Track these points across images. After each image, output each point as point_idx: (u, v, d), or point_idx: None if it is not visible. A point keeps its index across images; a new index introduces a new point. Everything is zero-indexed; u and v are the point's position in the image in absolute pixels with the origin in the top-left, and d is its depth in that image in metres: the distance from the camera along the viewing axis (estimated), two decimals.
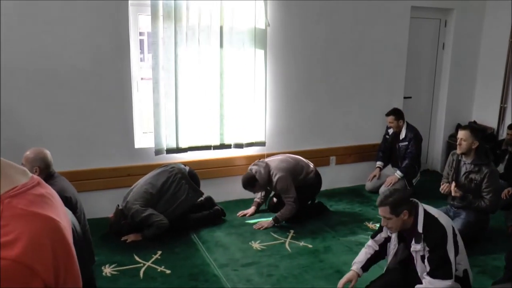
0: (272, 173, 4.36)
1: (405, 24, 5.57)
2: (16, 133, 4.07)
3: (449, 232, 2.74)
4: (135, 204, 3.95)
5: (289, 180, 4.36)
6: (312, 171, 4.59)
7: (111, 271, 3.54)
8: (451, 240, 2.73)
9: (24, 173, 0.97)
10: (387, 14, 5.41)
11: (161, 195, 4.09)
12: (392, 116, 5.28)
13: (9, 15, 3.93)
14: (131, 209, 3.95)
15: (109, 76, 4.34)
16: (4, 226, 0.82)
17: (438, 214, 2.86)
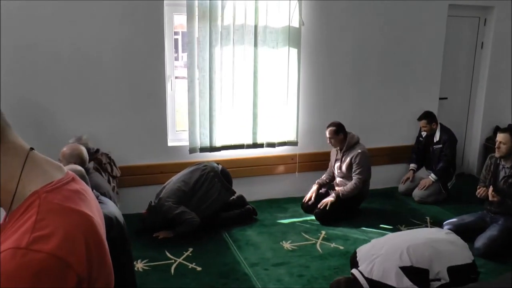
0: (360, 144, 4.57)
1: (442, 23, 5.43)
2: (54, 130, 4.19)
3: None
4: (167, 201, 4.00)
5: (368, 162, 4.52)
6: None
7: (143, 266, 3.60)
8: None
9: (59, 169, 1.00)
10: (423, 13, 5.29)
11: (194, 193, 4.12)
12: (424, 120, 5.16)
13: (46, 16, 4.06)
14: (163, 206, 4.00)
15: (144, 75, 4.41)
16: (40, 220, 0.84)
17: None
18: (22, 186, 0.91)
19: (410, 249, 2.88)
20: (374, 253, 2.97)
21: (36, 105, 4.18)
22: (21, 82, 4.11)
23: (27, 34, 4.06)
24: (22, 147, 0.95)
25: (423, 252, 2.88)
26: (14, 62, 4.06)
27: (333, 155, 4.81)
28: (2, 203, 0.93)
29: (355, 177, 4.52)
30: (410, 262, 2.82)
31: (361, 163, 4.52)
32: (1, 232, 0.90)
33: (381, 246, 3.02)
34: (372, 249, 3.04)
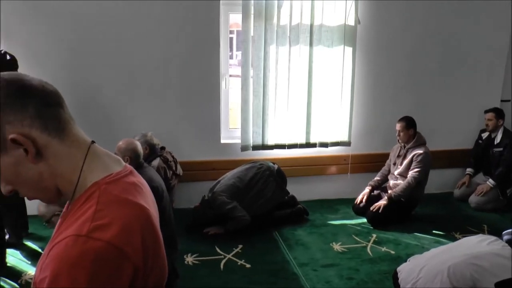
0: (425, 146, 4.49)
1: (507, 20, 5.16)
2: (113, 125, 4.34)
3: None
4: (221, 195, 4.04)
5: (429, 165, 4.42)
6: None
7: (193, 260, 3.67)
8: None
9: (118, 162, 1.04)
10: (486, 9, 5.05)
11: (248, 190, 4.15)
12: (492, 113, 4.94)
13: (110, 16, 4.23)
14: (217, 200, 4.04)
15: (199, 73, 4.49)
16: (100, 210, 0.88)
17: None
18: (84, 177, 0.95)
19: (450, 270, 2.69)
20: (414, 277, 2.84)
21: (101, 104, 4.37)
22: (88, 82, 4.31)
23: (93, 33, 4.25)
24: (84, 140, 0.98)
25: (463, 272, 2.66)
26: (81, 63, 4.27)
27: (394, 150, 4.68)
28: (65, 192, 0.97)
29: (410, 175, 4.40)
30: (451, 285, 2.66)
31: (422, 162, 4.39)
32: (64, 220, 0.95)
33: (420, 267, 2.88)
34: (412, 272, 2.90)
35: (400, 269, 3.05)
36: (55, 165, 0.93)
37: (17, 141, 0.87)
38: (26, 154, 0.89)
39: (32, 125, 0.89)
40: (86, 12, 4.20)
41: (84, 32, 4.24)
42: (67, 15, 4.17)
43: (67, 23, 4.19)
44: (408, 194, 4.40)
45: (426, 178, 4.52)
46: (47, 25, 4.18)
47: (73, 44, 4.24)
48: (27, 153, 0.89)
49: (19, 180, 0.92)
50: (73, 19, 4.19)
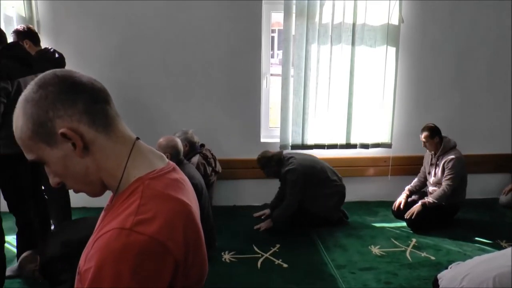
0: (456, 149, 4.36)
1: None
2: (155, 122, 4.43)
3: None
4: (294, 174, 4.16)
5: (462, 169, 4.30)
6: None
7: (230, 258, 3.69)
8: None
9: (161, 158, 1.06)
10: None
11: (318, 185, 4.27)
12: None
13: (152, 16, 4.32)
14: (290, 176, 4.17)
15: (240, 71, 4.52)
16: (143, 205, 0.90)
17: None
18: (127, 173, 0.97)
19: (496, 280, 2.56)
20: (456, 285, 2.73)
21: (144, 101, 4.48)
22: (132, 80, 4.44)
23: (138, 33, 4.36)
24: (130, 136, 1.01)
25: (511, 283, 2.57)
26: (126, 61, 4.40)
27: (426, 159, 4.57)
28: (110, 186, 1.00)
29: (444, 183, 4.27)
30: None
31: (454, 168, 4.25)
32: (108, 213, 0.97)
33: (463, 275, 2.76)
34: (454, 279, 2.79)
35: (440, 276, 2.96)
36: (100, 160, 0.95)
37: (67, 135, 0.90)
38: (74, 148, 0.92)
39: (81, 120, 0.91)
40: (131, 13, 4.31)
41: (129, 32, 4.35)
42: (114, 15, 4.31)
43: (114, 23, 4.32)
44: (444, 201, 4.27)
45: (463, 182, 4.38)
46: (95, 25, 4.32)
47: (119, 43, 4.36)
48: (75, 147, 0.92)
49: (67, 173, 0.96)
50: (120, 19, 4.32)
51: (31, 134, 0.92)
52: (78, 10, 4.28)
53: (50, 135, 0.91)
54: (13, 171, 3.21)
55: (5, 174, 3.22)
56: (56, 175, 0.98)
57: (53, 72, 0.94)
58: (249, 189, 4.80)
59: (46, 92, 0.91)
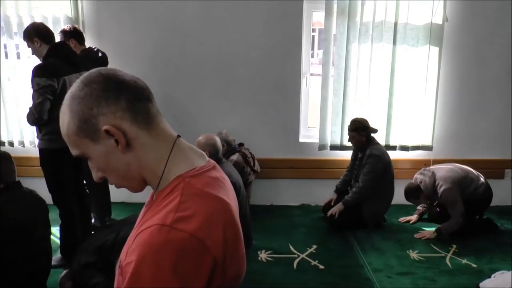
0: (438, 183, 4.07)
1: None
2: (194, 121, 4.47)
3: None
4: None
5: (457, 192, 4.02)
6: (483, 184, 4.17)
7: (267, 257, 3.69)
8: None
9: (202, 157, 1.06)
10: None
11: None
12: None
13: (192, 16, 4.37)
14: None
15: (280, 71, 4.51)
16: (183, 202, 0.91)
17: None
18: (168, 170, 0.98)
19: None
20: None
21: (183, 100, 4.54)
22: (171, 79, 4.50)
23: (178, 33, 4.42)
24: (171, 134, 1.02)
25: None
26: (166, 61, 4.46)
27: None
28: (150, 183, 1.01)
29: None
30: None
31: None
32: (148, 209, 0.99)
33: (508, 285, 2.67)
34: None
35: (483, 285, 2.87)
36: (142, 157, 0.97)
37: (110, 132, 0.92)
38: (117, 144, 0.94)
39: (123, 118, 0.93)
40: (173, 12, 4.38)
41: (170, 31, 4.42)
42: (156, 15, 4.39)
43: (155, 23, 4.41)
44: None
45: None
46: (137, 25, 4.41)
47: (160, 42, 4.44)
48: (118, 143, 0.94)
49: (109, 168, 0.98)
50: (161, 19, 4.40)
51: (76, 130, 0.94)
52: (121, 10, 4.38)
53: (94, 131, 0.93)
54: (57, 165, 3.32)
55: (50, 168, 3.34)
56: (99, 170, 1.00)
57: (98, 71, 0.97)
58: (287, 188, 4.79)
59: (90, 89, 0.93)
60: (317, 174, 4.73)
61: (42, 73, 3.12)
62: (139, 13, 4.38)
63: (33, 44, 3.30)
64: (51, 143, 3.23)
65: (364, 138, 4.22)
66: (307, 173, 4.73)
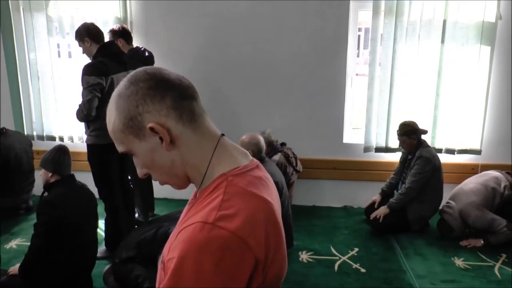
0: (464, 216, 3.90)
1: None
2: (237, 120, 4.49)
3: None
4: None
5: (486, 213, 3.85)
6: (506, 186, 3.97)
7: (308, 258, 3.67)
8: None
9: (246, 156, 1.06)
10: None
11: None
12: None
13: (236, 15, 4.40)
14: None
15: (325, 71, 4.47)
16: (226, 201, 0.91)
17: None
18: (212, 168, 0.99)
19: None
20: None
21: (226, 99, 4.57)
22: (215, 79, 4.54)
23: (223, 33, 4.46)
24: (215, 133, 1.03)
25: None
26: (210, 60, 4.52)
27: None
28: (194, 180, 1.02)
29: None
30: None
31: None
32: (192, 207, 1.00)
33: None
34: None
35: None
36: (186, 154, 0.98)
37: (154, 129, 0.94)
38: (161, 142, 0.95)
39: (168, 116, 0.95)
40: (218, 12, 4.42)
41: (215, 31, 4.47)
42: (202, 15, 4.45)
43: (201, 23, 4.46)
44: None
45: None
46: (183, 25, 4.49)
47: (206, 42, 4.49)
48: (162, 141, 0.95)
49: (153, 165, 0.99)
50: (207, 19, 4.45)
51: (122, 127, 0.96)
52: (168, 11, 4.46)
53: (139, 128, 0.95)
54: (104, 161, 3.42)
55: (97, 163, 3.45)
56: (144, 167, 1.02)
57: (144, 69, 0.99)
58: (329, 190, 4.74)
59: (137, 88, 0.95)
60: (361, 176, 4.66)
61: (92, 72, 3.23)
62: (185, 13, 4.45)
63: (84, 44, 3.42)
64: (99, 139, 3.33)
65: (415, 141, 4.12)
66: (350, 174, 4.67)
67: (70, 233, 2.77)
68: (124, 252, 2.98)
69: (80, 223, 2.85)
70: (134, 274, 2.86)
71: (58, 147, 2.93)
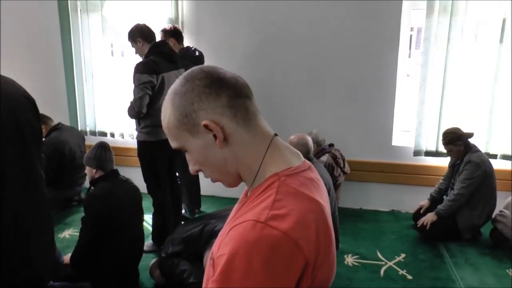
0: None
1: None
2: (286, 120, 4.47)
3: None
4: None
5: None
6: None
7: (353, 261, 3.61)
8: None
9: (298, 156, 1.06)
10: None
11: None
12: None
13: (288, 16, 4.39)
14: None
15: (375, 70, 4.38)
16: (278, 200, 0.90)
17: None
18: (264, 167, 0.99)
19: None
20: None
21: (275, 99, 4.55)
22: (266, 78, 4.54)
23: (274, 33, 4.46)
24: (268, 132, 1.03)
25: None
26: (261, 60, 4.53)
27: None
28: (245, 179, 1.03)
29: None
30: None
31: None
32: (243, 205, 1.00)
33: None
34: None
35: None
36: (239, 152, 0.98)
37: (208, 127, 0.95)
38: (215, 139, 0.96)
39: (223, 114, 0.96)
40: (269, 12, 4.42)
41: (266, 32, 4.47)
42: (252, 16, 4.46)
43: (251, 23, 4.49)
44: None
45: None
46: (233, 25, 4.52)
47: (256, 42, 4.50)
48: (216, 138, 0.96)
49: (206, 162, 1.01)
50: (257, 19, 4.46)
51: (177, 124, 0.98)
52: (219, 11, 4.50)
53: (194, 125, 0.96)
54: (153, 157, 3.50)
55: (146, 159, 3.53)
56: (196, 163, 1.02)
57: (200, 68, 1.00)
58: (377, 193, 4.65)
59: (192, 85, 0.96)
60: (410, 180, 4.54)
61: (143, 70, 3.30)
62: (235, 14, 4.48)
63: (136, 44, 3.51)
64: (149, 135, 3.40)
65: (462, 147, 3.98)
66: (399, 178, 4.56)
67: (116, 226, 2.85)
68: (170, 247, 3.04)
69: (125, 216, 2.92)
70: (179, 269, 2.90)
71: (99, 144, 3.02)
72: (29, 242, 1.77)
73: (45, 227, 1.86)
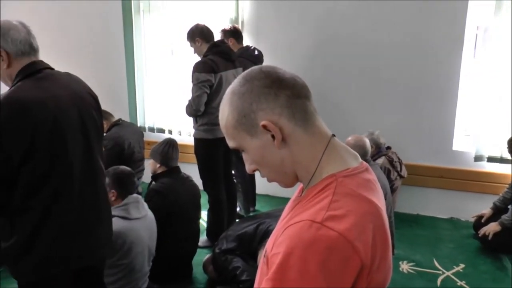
0: None
1: None
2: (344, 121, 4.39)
3: None
4: None
5: None
6: None
7: (408, 269, 3.51)
8: None
9: (355, 158, 1.04)
10: None
11: None
12: None
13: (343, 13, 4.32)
14: None
15: (437, 71, 4.23)
16: (335, 201, 0.89)
17: None
18: (321, 167, 0.98)
19: None
20: None
21: (332, 99, 4.48)
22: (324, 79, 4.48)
23: (330, 32, 4.42)
24: (326, 132, 1.02)
25: None
26: (319, 60, 4.49)
27: None
28: (302, 179, 1.02)
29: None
30: None
31: None
32: (298, 204, 0.99)
33: None
34: None
35: None
36: (296, 153, 0.98)
37: (267, 127, 0.95)
38: (273, 139, 0.96)
39: (281, 114, 0.95)
40: (330, 13, 4.37)
41: (326, 32, 4.43)
42: (313, 16, 4.41)
43: (311, 23, 4.44)
44: None
45: None
46: (293, 25, 4.49)
47: (315, 42, 4.47)
48: (274, 139, 0.96)
49: (263, 162, 1.01)
50: (318, 19, 4.41)
51: (235, 124, 0.98)
52: (278, 10, 4.50)
53: (252, 125, 0.97)
54: (209, 155, 3.56)
55: (202, 156, 3.59)
56: (253, 163, 1.03)
57: (259, 68, 1.01)
58: (435, 199, 4.48)
59: (251, 86, 0.97)
60: (471, 187, 4.34)
61: (202, 69, 3.36)
62: (294, 13, 4.46)
63: (195, 44, 3.58)
64: (206, 133, 3.46)
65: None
66: (459, 184, 4.37)
67: (174, 221, 2.92)
68: (224, 243, 3.08)
69: (184, 212, 2.99)
70: (232, 266, 2.94)
71: (168, 140, 3.10)
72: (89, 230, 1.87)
73: (103, 216, 1.96)
